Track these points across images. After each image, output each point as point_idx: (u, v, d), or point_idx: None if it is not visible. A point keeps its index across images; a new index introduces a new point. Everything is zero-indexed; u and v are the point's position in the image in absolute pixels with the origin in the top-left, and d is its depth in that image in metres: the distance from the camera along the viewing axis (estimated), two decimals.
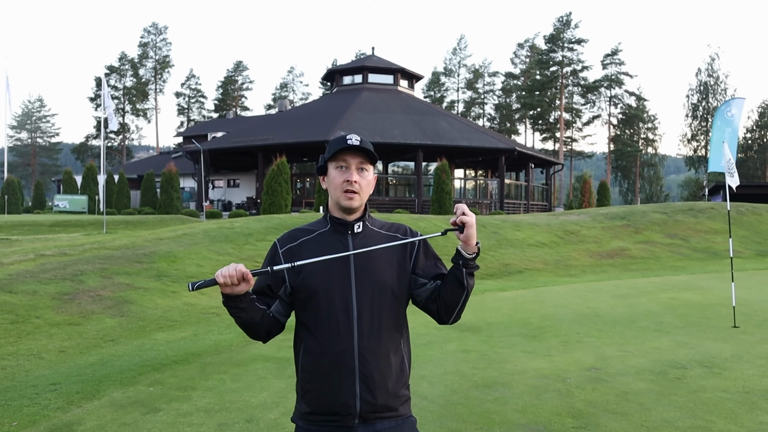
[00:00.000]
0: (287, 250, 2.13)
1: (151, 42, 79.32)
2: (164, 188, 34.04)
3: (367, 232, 2.15)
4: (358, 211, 2.15)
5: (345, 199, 2.10)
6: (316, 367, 2.05)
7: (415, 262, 2.15)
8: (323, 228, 2.17)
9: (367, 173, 2.14)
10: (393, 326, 2.09)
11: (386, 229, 2.20)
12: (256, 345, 7.47)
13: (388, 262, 2.11)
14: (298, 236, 2.17)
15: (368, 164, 2.14)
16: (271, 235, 14.97)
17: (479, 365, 6.33)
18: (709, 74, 70.24)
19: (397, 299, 2.10)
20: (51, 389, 5.60)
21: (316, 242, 2.13)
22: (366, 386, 2.02)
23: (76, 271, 10.32)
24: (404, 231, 2.19)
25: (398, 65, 43.26)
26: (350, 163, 2.11)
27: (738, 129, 10.78)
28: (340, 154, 2.11)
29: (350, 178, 2.09)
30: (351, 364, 2.01)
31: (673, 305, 10.10)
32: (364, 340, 2.03)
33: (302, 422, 2.09)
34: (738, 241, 19.98)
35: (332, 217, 2.16)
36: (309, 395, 2.07)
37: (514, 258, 16.77)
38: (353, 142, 2.09)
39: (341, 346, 2.02)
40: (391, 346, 2.08)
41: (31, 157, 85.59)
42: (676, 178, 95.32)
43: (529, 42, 79.72)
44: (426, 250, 2.19)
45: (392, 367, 2.07)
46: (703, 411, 4.80)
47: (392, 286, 2.09)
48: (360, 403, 2.01)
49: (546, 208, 41.98)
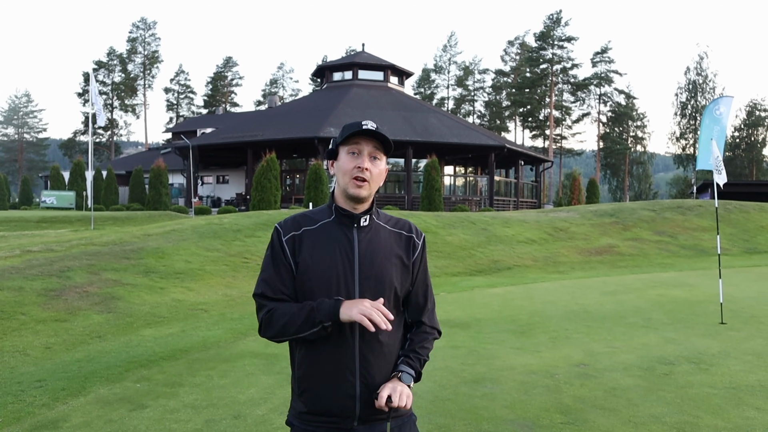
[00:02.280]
0: (290, 237, 2.01)
1: (140, 37, 78.73)
2: (153, 184, 33.81)
3: (374, 227, 2.05)
4: (365, 202, 2.02)
5: (353, 186, 1.97)
6: (314, 366, 1.97)
7: (412, 269, 2.09)
8: (327, 218, 2.04)
9: (379, 162, 2.02)
10: (394, 325, 2.00)
11: (392, 224, 2.10)
12: (245, 341, 7.44)
13: (392, 259, 2.03)
14: (302, 224, 2.04)
15: (381, 153, 2.02)
16: (260, 231, 14.91)
17: (468, 361, 6.33)
18: (698, 73, 70.77)
19: (398, 298, 2.04)
20: (36, 386, 5.54)
21: (320, 233, 2.01)
22: (366, 387, 1.95)
23: (62, 267, 10.22)
24: (408, 228, 2.11)
25: (388, 62, 43.21)
26: (363, 148, 1.99)
27: (726, 127, 10.86)
28: (354, 138, 1.99)
29: (362, 164, 1.97)
30: (351, 364, 1.94)
31: (661, 302, 10.15)
32: (365, 339, 1.95)
33: (299, 422, 2.01)
34: (725, 238, 20.13)
35: (338, 207, 2.03)
36: (306, 395, 1.98)
37: (503, 255, 16.80)
38: (369, 126, 1.96)
39: (342, 345, 1.94)
40: (393, 346, 2.02)
41: (18, 152, 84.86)
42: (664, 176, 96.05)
43: (520, 39, 79.92)
44: (421, 267, 2.12)
45: (393, 366, 2.01)
46: (691, 406, 4.82)
47: (395, 283, 2.02)
48: (360, 405, 1.94)
49: (535, 205, 42.11)
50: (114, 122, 77.83)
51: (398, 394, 1.91)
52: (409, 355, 2.04)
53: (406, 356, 2.03)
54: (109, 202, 37.05)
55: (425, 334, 2.11)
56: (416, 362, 2.04)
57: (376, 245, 2.02)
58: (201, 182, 42.77)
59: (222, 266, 12.14)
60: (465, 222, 19.44)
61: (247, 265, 12.46)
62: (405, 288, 2.06)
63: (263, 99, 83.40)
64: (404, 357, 2.03)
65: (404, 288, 2.06)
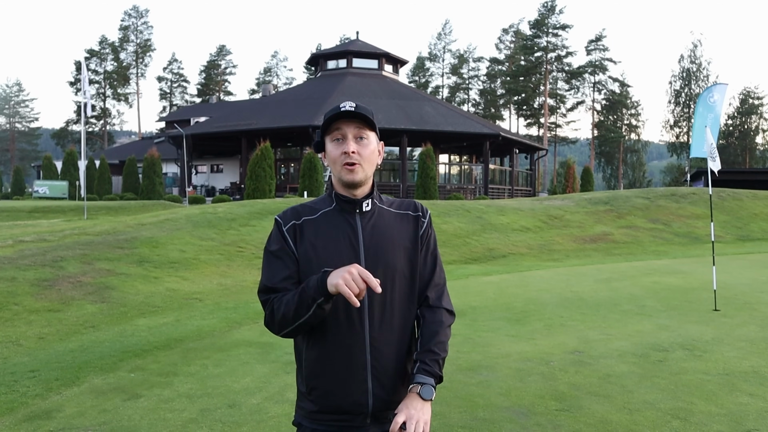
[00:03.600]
0: (291, 227, 1.92)
1: (132, 25, 78.11)
2: (146, 174, 33.67)
3: (377, 211, 1.96)
4: (364, 185, 1.94)
5: (346, 172, 1.89)
6: (323, 363, 1.87)
7: (420, 246, 2.00)
8: (328, 207, 1.96)
9: (367, 141, 1.92)
10: (406, 313, 1.94)
11: (396, 207, 2.02)
12: (239, 330, 7.43)
13: (400, 243, 1.94)
14: (301, 214, 1.95)
15: (367, 130, 1.92)
16: (254, 220, 14.87)
17: (463, 349, 6.34)
18: (692, 61, 70.72)
19: (408, 284, 1.94)
20: (30, 376, 5.51)
21: (322, 223, 1.93)
22: (378, 381, 1.86)
23: (56, 257, 10.17)
24: (414, 207, 2.02)
25: (383, 50, 43.01)
26: (346, 132, 1.90)
27: (720, 115, 10.84)
28: (334, 123, 1.90)
29: (347, 149, 1.88)
30: (362, 358, 1.85)
31: (656, 289, 10.18)
32: (375, 330, 1.86)
33: (308, 422, 1.91)
34: (719, 226, 20.20)
35: (338, 194, 1.95)
36: (316, 393, 1.88)
37: (498, 243, 16.82)
38: (347, 107, 1.87)
39: (351, 338, 1.85)
40: (405, 335, 1.93)
41: (9, 142, 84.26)
42: (658, 164, 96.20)
43: (514, 27, 79.79)
44: (429, 241, 2.02)
45: (406, 358, 1.93)
46: (685, 393, 4.83)
47: (404, 269, 1.93)
48: (372, 401, 1.86)
49: (530, 193, 42.13)
50: (107, 111, 77.34)
51: (414, 423, 1.76)
52: (425, 360, 1.88)
53: (422, 362, 1.88)
54: (103, 192, 36.89)
55: (436, 324, 1.96)
56: (434, 366, 1.89)
57: (381, 230, 1.94)
58: (195, 171, 42.59)
59: (216, 255, 12.10)
60: (460, 210, 19.43)
61: (241, 254, 12.43)
62: (416, 272, 1.96)
63: (257, 87, 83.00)
64: (420, 363, 1.88)
65: (415, 272, 1.96)
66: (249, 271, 11.54)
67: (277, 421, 4.34)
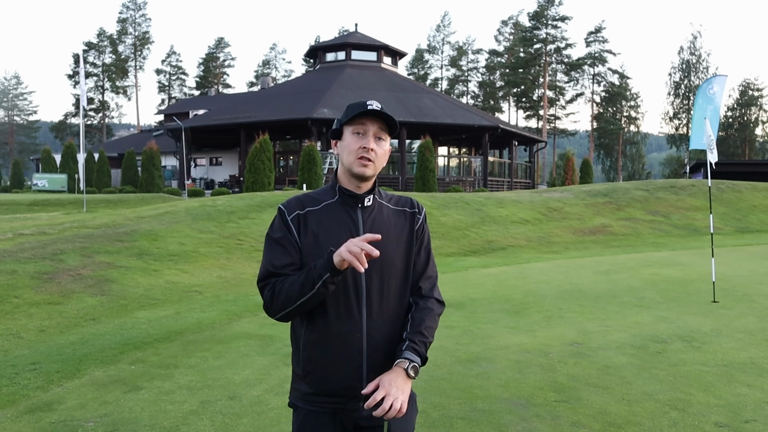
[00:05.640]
0: (295, 216, 2.00)
1: (130, 18, 77.74)
2: (145, 166, 33.61)
3: (377, 206, 2.06)
4: (369, 181, 2.03)
5: (359, 165, 1.98)
6: (320, 348, 1.96)
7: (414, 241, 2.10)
8: (331, 199, 2.04)
9: (383, 143, 2.03)
10: (401, 305, 2.03)
11: (394, 203, 2.12)
12: (239, 323, 7.45)
13: (397, 239, 2.04)
14: (305, 204, 2.03)
15: (386, 134, 2.04)
16: (253, 212, 14.87)
17: (462, 341, 6.36)
18: (692, 52, 70.56)
19: (403, 276, 2.04)
20: (30, 369, 5.53)
21: (324, 214, 2.01)
22: (372, 367, 1.95)
23: (55, 250, 10.18)
24: (411, 204, 2.12)
25: (381, 42, 42.87)
26: (369, 129, 2.00)
27: (720, 106, 10.84)
28: (359, 118, 1.99)
29: (367, 145, 1.97)
30: (359, 345, 1.94)
31: (654, 281, 10.20)
32: (372, 319, 1.96)
33: (303, 403, 2.01)
34: (718, 217, 20.22)
35: (341, 187, 2.03)
36: (311, 376, 1.98)
37: (497, 235, 16.84)
38: (374, 107, 1.97)
39: (349, 325, 1.94)
40: (398, 324, 2.01)
41: (8, 135, 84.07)
42: (657, 156, 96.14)
43: (513, 19, 79.43)
44: (423, 237, 2.12)
45: (398, 346, 2.00)
46: (683, 384, 4.85)
47: (400, 262, 2.03)
48: (366, 385, 1.93)
49: (529, 185, 42.12)
50: (105, 104, 77.14)
51: (391, 401, 1.82)
52: (415, 340, 1.97)
53: (411, 341, 1.97)
54: (102, 185, 36.84)
55: (426, 310, 2.04)
56: (422, 347, 1.97)
57: (380, 225, 2.02)
58: (194, 164, 42.55)
59: (216, 248, 12.11)
60: (459, 202, 19.44)
61: (241, 247, 12.44)
62: (410, 267, 2.06)
63: (256, 80, 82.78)
64: (410, 342, 1.96)
65: (410, 267, 2.06)
66: (248, 263, 11.55)
67: (277, 412, 4.37)
